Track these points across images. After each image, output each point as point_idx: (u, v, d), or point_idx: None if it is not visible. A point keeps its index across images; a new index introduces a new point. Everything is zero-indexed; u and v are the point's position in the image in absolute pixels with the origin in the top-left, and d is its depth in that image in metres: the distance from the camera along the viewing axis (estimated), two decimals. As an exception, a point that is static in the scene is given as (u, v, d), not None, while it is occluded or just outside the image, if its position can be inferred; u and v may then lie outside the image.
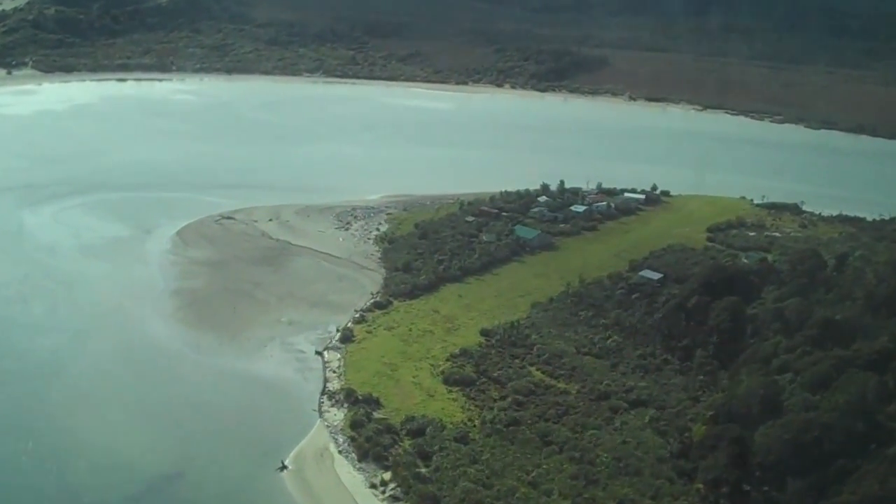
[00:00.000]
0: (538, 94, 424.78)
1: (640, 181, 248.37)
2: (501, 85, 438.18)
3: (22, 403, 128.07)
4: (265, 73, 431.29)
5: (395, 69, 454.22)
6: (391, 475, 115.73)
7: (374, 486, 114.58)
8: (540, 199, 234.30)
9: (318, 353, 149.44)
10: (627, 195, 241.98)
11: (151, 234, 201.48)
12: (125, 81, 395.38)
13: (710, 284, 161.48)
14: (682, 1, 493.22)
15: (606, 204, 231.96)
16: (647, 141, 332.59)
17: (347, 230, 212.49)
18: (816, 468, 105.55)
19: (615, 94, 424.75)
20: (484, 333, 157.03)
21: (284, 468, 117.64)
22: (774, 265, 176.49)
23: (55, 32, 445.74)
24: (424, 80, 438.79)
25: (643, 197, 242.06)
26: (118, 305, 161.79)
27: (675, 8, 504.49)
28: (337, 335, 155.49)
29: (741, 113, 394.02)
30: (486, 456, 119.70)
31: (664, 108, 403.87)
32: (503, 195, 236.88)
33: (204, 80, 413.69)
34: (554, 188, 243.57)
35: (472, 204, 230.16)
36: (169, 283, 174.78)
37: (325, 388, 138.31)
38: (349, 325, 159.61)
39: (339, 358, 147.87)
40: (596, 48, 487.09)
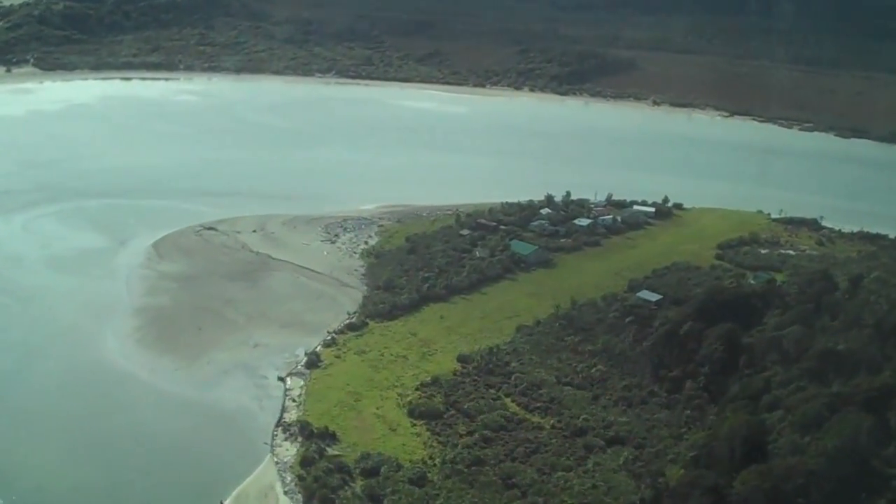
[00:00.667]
0: (558, 97, 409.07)
1: (654, 192, 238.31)
2: (520, 87, 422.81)
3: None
4: (276, 73, 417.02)
5: (410, 70, 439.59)
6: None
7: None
8: (542, 211, 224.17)
9: (280, 379, 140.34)
10: (637, 208, 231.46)
11: (126, 245, 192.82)
12: (129, 81, 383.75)
13: (706, 309, 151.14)
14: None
15: (612, 217, 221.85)
16: (666, 149, 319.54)
17: (334, 243, 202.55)
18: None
19: (638, 98, 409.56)
20: (461, 360, 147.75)
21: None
22: (781, 287, 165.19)
23: (61, 28, 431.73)
24: (441, 81, 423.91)
25: (653, 210, 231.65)
26: (73, 324, 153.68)
27: (711, 7, 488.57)
28: (304, 359, 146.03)
29: (769, 120, 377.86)
30: (440, 502, 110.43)
31: (689, 113, 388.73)
32: (504, 206, 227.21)
33: (212, 79, 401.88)
34: (559, 199, 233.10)
35: (470, 216, 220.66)
36: (134, 299, 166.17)
37: (280, 419, 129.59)
38: (318, 348, 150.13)
39: (301, 385, 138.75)
40: (624, 49, 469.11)
